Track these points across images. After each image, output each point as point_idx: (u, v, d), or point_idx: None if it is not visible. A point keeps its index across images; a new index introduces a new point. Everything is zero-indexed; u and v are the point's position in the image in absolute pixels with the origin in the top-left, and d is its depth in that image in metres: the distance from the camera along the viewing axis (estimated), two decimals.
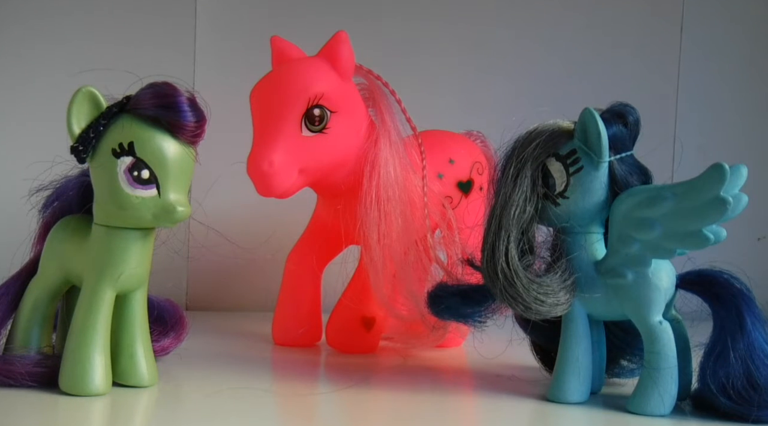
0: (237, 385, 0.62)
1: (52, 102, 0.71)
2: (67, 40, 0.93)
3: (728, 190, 0.54)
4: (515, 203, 0.58)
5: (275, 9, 0.98)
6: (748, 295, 0.59)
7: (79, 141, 0.56)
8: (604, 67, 1.04)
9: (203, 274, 0.96)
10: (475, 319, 0.64)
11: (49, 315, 0.62)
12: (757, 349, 0.57)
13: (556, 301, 0.58)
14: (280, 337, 0.78)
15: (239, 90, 0.73)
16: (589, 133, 0.58)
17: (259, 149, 0.67)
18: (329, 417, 0.59)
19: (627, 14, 1.05)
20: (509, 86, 1.02)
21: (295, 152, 0.67)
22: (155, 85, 0.56)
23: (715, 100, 1.07)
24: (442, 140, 0.78)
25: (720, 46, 1.07)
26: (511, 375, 0.68)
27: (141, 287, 0.60)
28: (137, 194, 0.55)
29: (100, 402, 0.56)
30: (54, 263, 0.60)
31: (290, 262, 0.78)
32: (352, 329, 0.75)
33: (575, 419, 0.58)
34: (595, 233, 0.60)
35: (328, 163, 0.69)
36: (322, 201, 0.76)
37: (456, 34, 1.02)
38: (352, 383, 0.64)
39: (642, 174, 0.59)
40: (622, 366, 0.66)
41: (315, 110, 0.68)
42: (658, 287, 0.58)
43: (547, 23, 1.04)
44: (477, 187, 0.78)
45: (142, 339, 0.60)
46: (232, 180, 0.76)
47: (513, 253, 0.58)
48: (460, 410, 0.61)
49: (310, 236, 0.78)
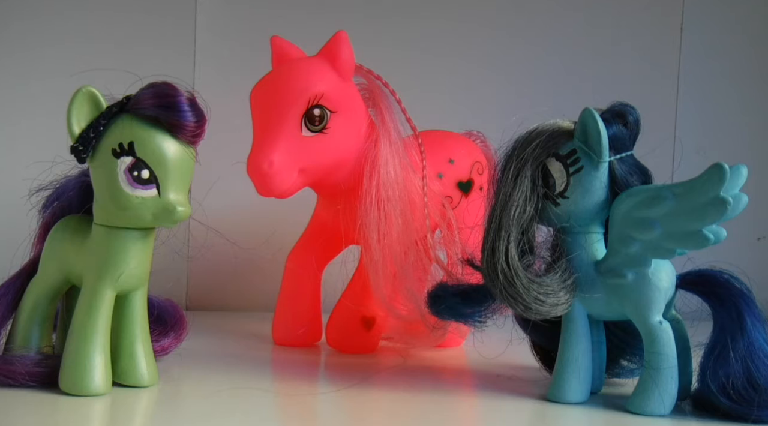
0: (237, 385, 0.62)
1: (52, 102, 0.71)
2: (68, 39, 0.93)
3: (728, 190, 0.54)
4: (515, 203, 0.58)
5: (275, 9, 0.98)
6: (748, 295, 0.59)
7: (79, 141, 0.56)
8: (604, 67, 1.04)
9: (203, 274, 0.96)
10: (475, 319, 0.64)
11: (49, 315, 0.62)
12: (757, 349, 0.57)
13: (556, 301, 0.58)
14: (280, 337, 0.78)
15: (239, 90, 0.73)
16: (589, 133, 0.58)
17: (259, 149, 0.67)
18: (329, 417, 0.59)
19: (627, 14, 1.05)
20: (509, 86, 1.02)
21: (295, 152, 0.67)
22: (155, 85, 0.56)
23: (715, 100, 1.07)
24: (442, 140, 0.78)
25: (720, 46, 1.07)
26: (511, 375, 0.68)
27: (141, 287, 0.60)
28: (137, 194, 0.55)
29: (100, 402, 0.56)
30: (54, 263, 0.60)
31: (290, 262, 0.78)
32: (352, 329, 0.75)
33: (575, 419, 0.58)
34: (595, 233, 0.60)
35: (328, 163, 0.69)
36: (322, 201, 0.76)
37: (456, 34, 1.02)
38: (352, 383, 0.64)
39: (642, 174, 0.59)
40: (622, 366, 0.66)
41: (315, 110, 0.68)
42: (658, 287, 0.58)
43: (547, 23, 1.04)
44: (477, 187, 0.78)
45: (142, 339, 0.60)
46: (232, 180, 0.76)
47: (513, 253, 0.58)
48: (460, 410, 0.61)
49: (310, 236, 0.78)
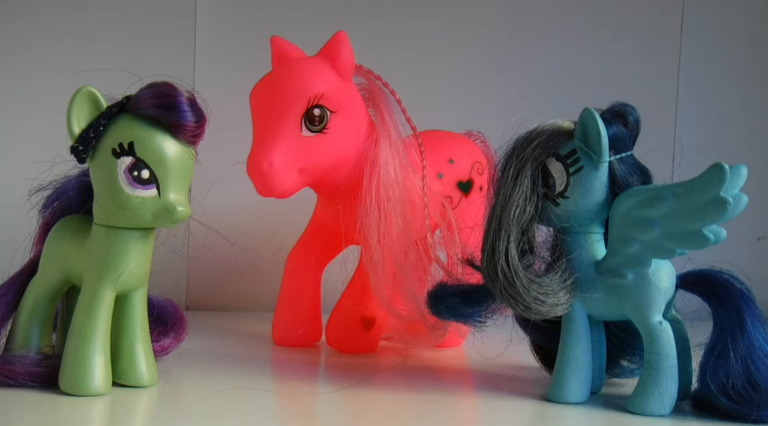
0: (237, 385, 0.62)
1: (52, 102, 0.71)
2: (67, 39, 0.93)
3: (728, 190, 0.53)
4: (515, 203, 0.58)
5: (275, 9, 0.98)
6: (748, 295, 0.59)
7: (79, 141, 0.56)
8: (604, 67, 1.04)
9: (203, 274, 0.96)
10: (475, 319, 0.64)
11: (49, 315, 0.62)
12: (757, 349, 0.57)
13: (556, 301, 0.58)
14: (280, 337, 0.78)
15: (239, 90, 0.73)
16: (589, 133, 0.58)
17: (259, 149, 0.67)
18: (329, 417, 0.59)
19: (627, 14, 1.05)
20: (509, 86, 1.02)
21: (295, 152, 0.67)
22: (155, 85, 0.56)
23: (715, 100, 1.07)
24: (442, 140, 0.78)
25: (720, 46, 1.07)
26: (511, 375, 0.68)
27: (141, 287, 0.60)
28: (137, 194, 0.55)
29: (100, 402, 0.56)
30: (54, 263, 0.60)
31: (290, 262, 0.78)
32: (352, 329, 0.75)
33: (575, 419, 0.58)
34: (595, 233, 0.60)
35: (328, 163, 0.69)
36: (322, 201, 0.76)
37: (456, 34, 1.02)
38: (352, 383, 0.64)
39: (642, 174, 0.59)
40: (622, 366, 0.66)
41: (315, 110, 0.68)
42: (658, 287, 0.58)
43: (547, 23, 1.04)
44: (477, 187, 0.78)
45: (142, 339, 0.60)
46: (232, 180, 0.76)
47: (513, 253, 0.58)
48: (460, 410, 0.61)
49: (310, 236, 0.78)
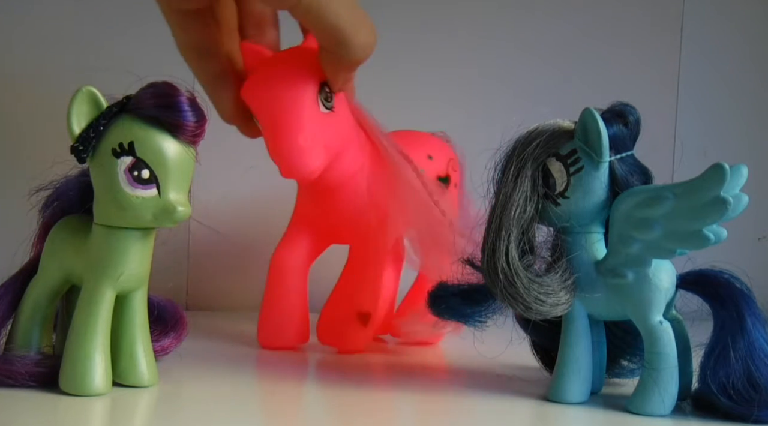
0: (237, 386, 0.62)
1: (52, 102, 0.71)
2: (67, 39, 0.93)
3: (728, 190, 0.53)
4: (515, 203, 0.58)
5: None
6: (749, 295, 0.58)
7: (79, 141, 0.56)
8: (604, 68, 1.04)
9: (203, 274, 0.96)
10: (475, 319, 0.64)
11: (49, 315, 0.62)
12: (757, 349, 0.57)
13: (557, 301, 0.58)
14: (266, 341, 0.75)
15: None
16: (590, 132, 0.58)
17: (284, 129, 0.64)
18: (329, 417, 0.59)
19: (627, 14, 1.05)
20: (508, 87, 1.02)
21: (319, 128, 0.66)
22: (155, 85, 0.56)
23: (715, 101, 1.07)
24: (417, 138, 0.78)
25: (720, 46, 1.07)
26: (511, 375, 0.68)
27: (141, 287, 0.60)
28: (137, 194, 0.55)
29: (100, 402, 0.56)
30: (54, 263, 0.60)
31: (275, 261, 0.76)
32: (348, 324, 0.74)
33: (575, 419, 0.58)
34: (596, 233, 0.60)
35: (340, 143, 0.68)
36: (305, 195, 0.75)
37: (454, 34, 1.02)
38: (346, 383, 0.64)
39: (642, 174, 0.59)
40: (622, 366, 0.66)
41: (326, 87, 0.67)
42: (658, 287, 0.58)
43: (546, 23, 1.04)
44: (453, 183, 0.78)
45: (142, 339, 0.60)
46: (232, 180, 0.76)
47: (513, 252, 0.58)
48: (459, 410, 0.60)
49: (295, 234, 0.76)
